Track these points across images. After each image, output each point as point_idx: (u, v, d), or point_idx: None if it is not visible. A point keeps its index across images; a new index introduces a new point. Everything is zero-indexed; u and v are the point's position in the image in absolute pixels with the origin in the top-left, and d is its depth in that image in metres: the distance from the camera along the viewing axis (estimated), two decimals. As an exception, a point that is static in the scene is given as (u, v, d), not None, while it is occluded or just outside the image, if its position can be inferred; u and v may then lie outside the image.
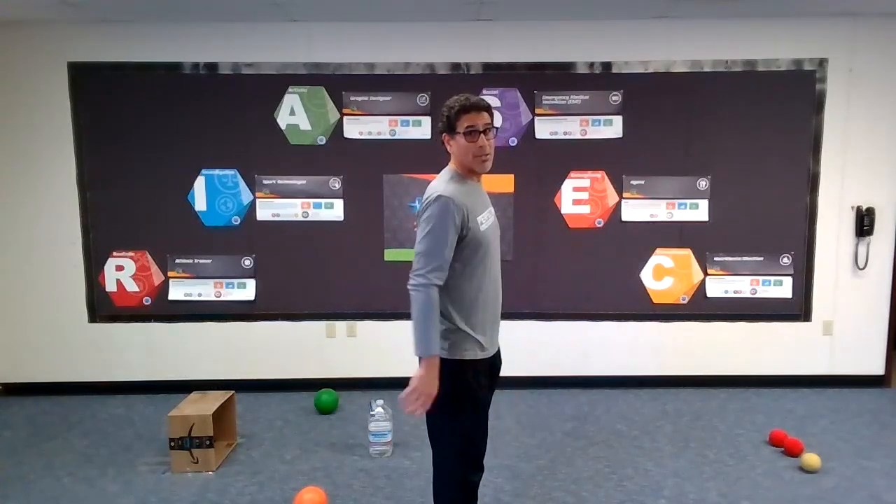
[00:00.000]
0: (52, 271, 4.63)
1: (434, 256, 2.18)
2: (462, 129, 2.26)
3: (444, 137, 2.34)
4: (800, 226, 4.61)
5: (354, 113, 4.54)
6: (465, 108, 2.27)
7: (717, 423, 4.13)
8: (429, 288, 2.18)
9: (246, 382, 4.66)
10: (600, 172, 4.59)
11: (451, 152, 2.34)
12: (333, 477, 3.45)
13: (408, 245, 4.59)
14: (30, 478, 3.49)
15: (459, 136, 2.27)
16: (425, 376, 2.19)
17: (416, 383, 2.19)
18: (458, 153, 2.31)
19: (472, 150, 2.27)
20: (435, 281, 2.19)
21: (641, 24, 4.45)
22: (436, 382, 2.20)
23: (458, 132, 2.27)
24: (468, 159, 2.29)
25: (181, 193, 4.58)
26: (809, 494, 3.23)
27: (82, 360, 4.72)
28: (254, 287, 4.66)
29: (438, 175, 2.39)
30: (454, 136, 2.29)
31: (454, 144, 2.31)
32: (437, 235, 2.19)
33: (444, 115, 2.32)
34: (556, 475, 3.46)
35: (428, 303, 2.18)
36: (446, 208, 2.18)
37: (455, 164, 2.36)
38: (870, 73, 4.48)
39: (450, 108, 2.30)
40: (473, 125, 2.26)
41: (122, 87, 4.48)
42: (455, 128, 2.28)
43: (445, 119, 2.31)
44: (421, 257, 2.20)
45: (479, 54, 4.49)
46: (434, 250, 2.19)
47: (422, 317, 2.18)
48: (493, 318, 2.41)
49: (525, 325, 4.69)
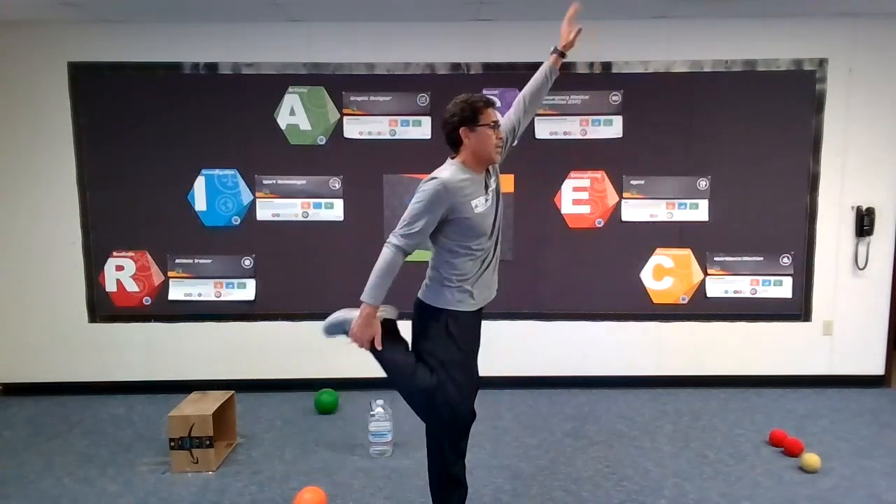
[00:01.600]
0: (52, 271, 4.63)
1: (412, 227, 2.44)
2: (488, 121, 2.47)
3: (463, 131, 2.48)
4: (800, 226, 4.61)
5: (354, 113, 4.54)
6: (489, 103, 2.51)
7: (717, 423, 4.13)
8: (399, 250, 2.45)
9: (246, 382, 4.65)
10: (600, 172, 4.59)
11: (468, 144, 2.49)
12: (333, 477, 3.45)
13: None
14: (30, 478, 3.49)
15: (483, 129, 2.47)
16: (361, 324, 2.52)
17: (354, 328, 2.55)
18: (477, 144, 2.49)
19: (494, 142, 2.50)
20: (406, 248, 2.45)
21: (641, 24, 4.45)
22: (370, 330, 2.52)
23: (481, 124, 2.47)
24: (489, 150, 2.50)
25: (181, 193, 4.58)
26: (809, 494, 3.23)
27: (82, 360, 4.72)
28: (254, 287, 4.66)
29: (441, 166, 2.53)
30: (475, 128, 2.47)
31: (474, 137, 2.48)
32: (420, 212, 2.43)
33: (463, 109, 2.47)
34: (556, 475, 3.46)
35: (392, 262, 2.45)
36: (437, 192, 2.41)
37: (467, 156, 2.51)
38: (870, 73, 4.48)
39: (471, 104, 2.48)
40: (496, 120, 2.51)
41: (122, 87, 4.48)
42: (479, 121, 2.47)
43: (470, 112, 2.46)
44: (403, 223, 2.46)
45: (479, 54, 4.49)
46: (415, 223, 2.44)
47: (381, 272, 2.46)
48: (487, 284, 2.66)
49: (525, 325, 4.69)
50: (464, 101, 2.49)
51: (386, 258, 2.45)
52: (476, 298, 2.60)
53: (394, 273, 2.47)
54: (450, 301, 2.55)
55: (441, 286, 2.56)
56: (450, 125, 2.50)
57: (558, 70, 2.76)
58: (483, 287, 2.62)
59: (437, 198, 2.41)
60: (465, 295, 2.56)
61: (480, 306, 2.66)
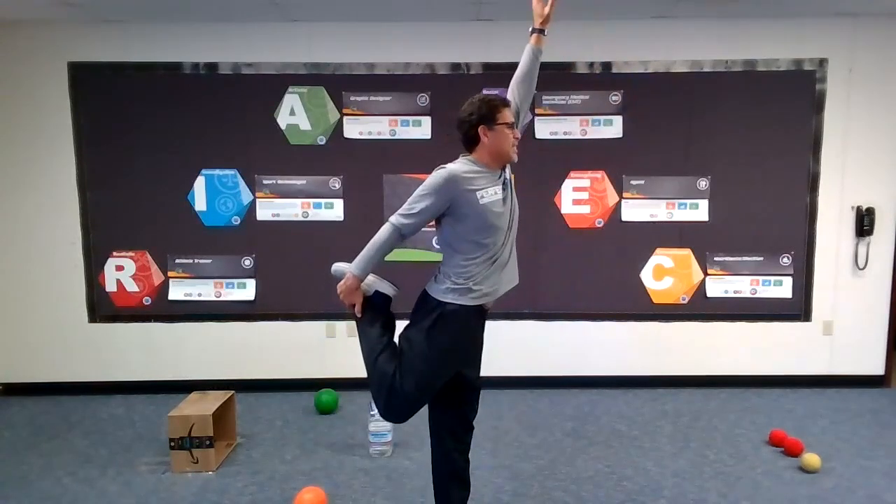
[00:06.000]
0: (52, 271, 4.63)
1: (412, 209, 2.47)
2: (506, 121, 2.48)
3: (482, 129, 2.47)
4: (800, 226, 4.61)
5: (354, 113, 4.54)
6: (505, 103, 2.52)
7: (717, 423, 4.13)
8: (395, 229, 2.48)
9: (246, 382, 4.65)
10: (600, 172, 4.59)
11: (485, 143, 2.49)
12: (333, 477, 3.45)
13: (408, 245, 4.58)
14: (30, 478, 3.49)
15: (500, 127, 2.47)
16: (344, 289, 2.57)
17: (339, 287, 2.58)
18: (494, 143, 2.49)
19: (511, 141, 2.51)
20: (402, 228, 2.48)
21: (641, 24, 4.45)
22: (350, 297, 2.58)
23: (499, 123, 2.47)
24: (506, 148, 2.50)
25: (181, 193, 4.58)
26: (809, 494, 3.23)
27: (82, 360, 4.72)
28: (254, 287, 4.66)
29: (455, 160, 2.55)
30: (494, 127, 2.47)
31: (492, 135, 2.48)
32: (423, 196, 2.46)
33: (481, 108, 2.47)
34: (556, 475, 3.46)
35: (386, 239, 2.50)
36: (443, 178, 2.42)
37: (483, 154, 2.51)
38: (870, 73, 4.48)
39: (489, 103, 2.48)
40: (512, 121, 2.53)
41: (122, 87, 4.48)
42: (496, 119, 2.47)
43: (488, 111, 2.46)
44: (407, 205, 2.49)
45: (479, 54, 4.49)
46: (415, 205, 2.47)
47: (373, 246, 2.52)
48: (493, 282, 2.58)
49: (525, 325, 4.69)
50: (481, 100, 2.50)
51: (381, 234, 2.51)
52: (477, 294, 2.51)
53: (384, 250, 2.51)
54: (446, 294, 2.50)
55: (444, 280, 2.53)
56: (467, 123, 2.49)
57: (542, 49, 2.71)
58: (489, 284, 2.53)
59: (443, 184, 2.42)
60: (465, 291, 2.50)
61: (481, 303, 2.56)
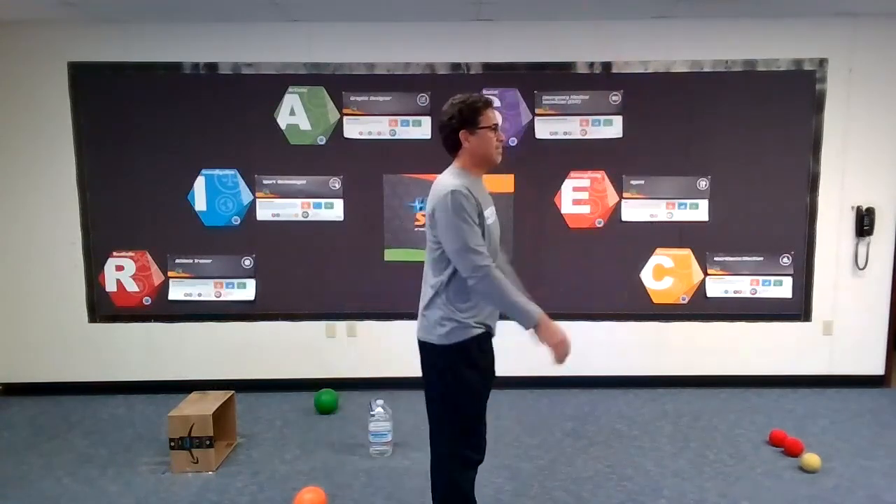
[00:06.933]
0: (52, 271, 4.63)
1: (473, 243, 2.24)
2: (489, 123, 2.35)
3: (463, 133, 2.34)
4: (800, 226, 4.61)
5: (354, 113, 4.54)
6: (488, 104, 2.37)
7: (717, 423, 4.13)
8: (489, 269, 2.24)
9: (246, 382, 4.65)
10: (600, 172, 4.59)
11: (467, 147, 2.36)
12: (333, 477, 3.45)
13: (408, 245, 4.59)
14: (30, 478, 3.49)
15: (483, 131, 2.34)
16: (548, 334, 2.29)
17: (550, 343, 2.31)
18: (478, 147, 2.36)
19: (495, 144, 2.38)
20: (487, 261, 2.25)
21: (641, 24, 4.45)
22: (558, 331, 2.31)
23: (482, 126, 2.34)
24: (490, 152, 2.38)
25: (181, 193, 4.58)
26: (809, 494, 3.23)
27: (82, 360, 4.72)
28: (254, 287, 4.66)
29: (442, 174, 2.39)
30: (475, 130, 2.34)
31: (474, 139, 2.34)
32: (465, 226, 2.24)
33: (462, 110, 2.32)
34: (556, 475, 3.46)
35: (498, 281, 2.25)
36: (463, 200, 2.24)
37: (466, 159, 2.38)
38: (870, 73, 4.48)
39: (470, 105, 2.33)
40: (496, 121, 2.39)
41: (122, 87, 4.48)
42: (478, 122, 2.33)
43: (469, 114, 2.32)
44: (464, 252, 2.24)
45: (479, 54, 4.49)
46: (470, 238, 2.24)
47: (503, 296, 2.26)
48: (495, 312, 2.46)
49: (525, 325, 4.69)
50: (462, 101, 2.33)
51: (493, 287, 2.25)
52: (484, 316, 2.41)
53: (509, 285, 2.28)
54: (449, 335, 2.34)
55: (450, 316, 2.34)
56: (448, 128, 2.34)
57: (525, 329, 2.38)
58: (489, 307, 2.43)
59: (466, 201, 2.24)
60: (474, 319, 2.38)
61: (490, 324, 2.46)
